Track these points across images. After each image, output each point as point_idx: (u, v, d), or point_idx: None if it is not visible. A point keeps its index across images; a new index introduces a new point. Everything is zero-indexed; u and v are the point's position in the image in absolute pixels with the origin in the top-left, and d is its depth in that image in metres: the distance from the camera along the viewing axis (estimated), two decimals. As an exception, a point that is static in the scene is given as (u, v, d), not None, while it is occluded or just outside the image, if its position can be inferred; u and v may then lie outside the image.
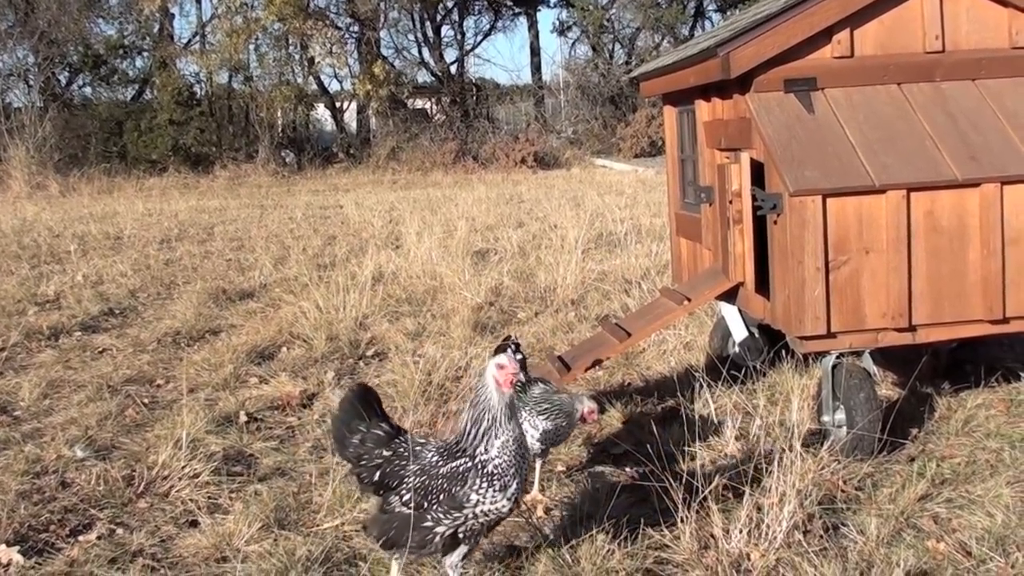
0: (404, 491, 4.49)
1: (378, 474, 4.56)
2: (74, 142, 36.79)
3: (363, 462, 4.60)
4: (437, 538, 4.47)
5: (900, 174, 6.18)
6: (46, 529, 5.77)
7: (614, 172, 33.84)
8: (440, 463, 4.51)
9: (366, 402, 4.74)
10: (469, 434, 4.53)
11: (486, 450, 4.48)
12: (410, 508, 4.45)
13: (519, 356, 6.23)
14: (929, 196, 6.21)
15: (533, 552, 5.17)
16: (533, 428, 5.84)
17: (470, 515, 4.45)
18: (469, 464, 4.47)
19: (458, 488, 4.45)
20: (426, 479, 4.48)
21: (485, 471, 4.45)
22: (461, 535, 4.49)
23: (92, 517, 5.95)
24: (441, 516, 4.45)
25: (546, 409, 5.89)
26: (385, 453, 4.58)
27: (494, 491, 4.44)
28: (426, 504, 4.47)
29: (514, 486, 4.46)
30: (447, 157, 37.02)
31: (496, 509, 4.46)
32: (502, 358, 4.58)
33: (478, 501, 4.43)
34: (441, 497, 4.46)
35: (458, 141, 38.65)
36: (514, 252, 14.58)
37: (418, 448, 4.59)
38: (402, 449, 4.59)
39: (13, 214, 21.86)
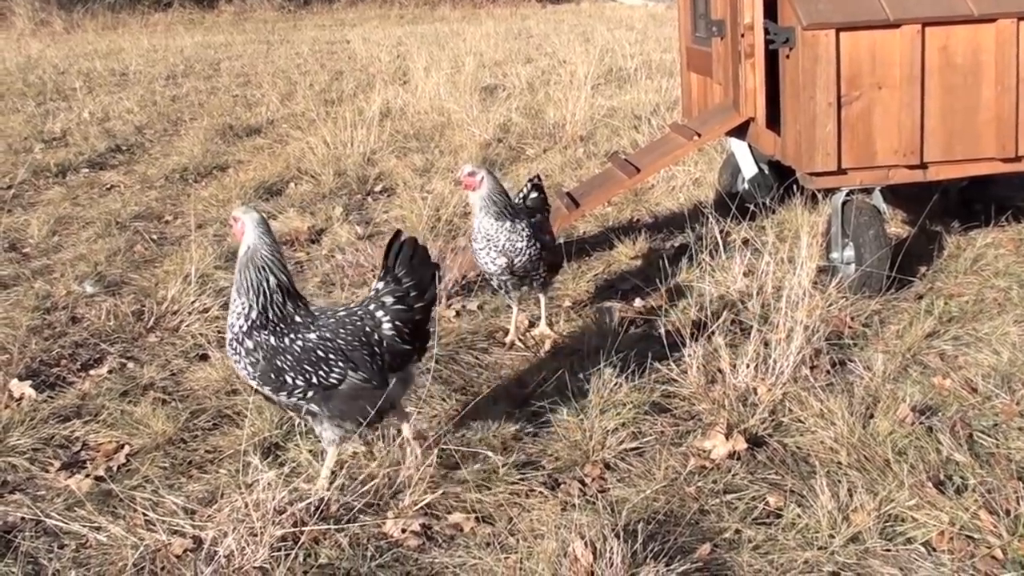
0: None
1: None
2: (77, -23, 36.24)
3: None
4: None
5: (915, 8, 6.06)
6: (57, 364, 5.82)
7: (624, 7, 33.35)
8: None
9: None
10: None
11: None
12: None
13: (533, 195, 6.16)
14: (944, 31, 6.10)
15: (540, 385, 5.21)
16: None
17: None
18: None
19: None
20: None
21: None
22: None
23: (103, 351, 5.99)
24: None
25: None
26: None
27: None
28: None
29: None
30: (455, -9, 36.45)
31: None
32: (254, 214, 4.27)
33: None
34: None
35: (466, -26, 37.98)
36: (522, 88, 14.44)
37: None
38: None
39: (18, 51, 21.64)
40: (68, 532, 4.14)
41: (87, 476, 4.59)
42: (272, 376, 4.15)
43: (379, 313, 4.30)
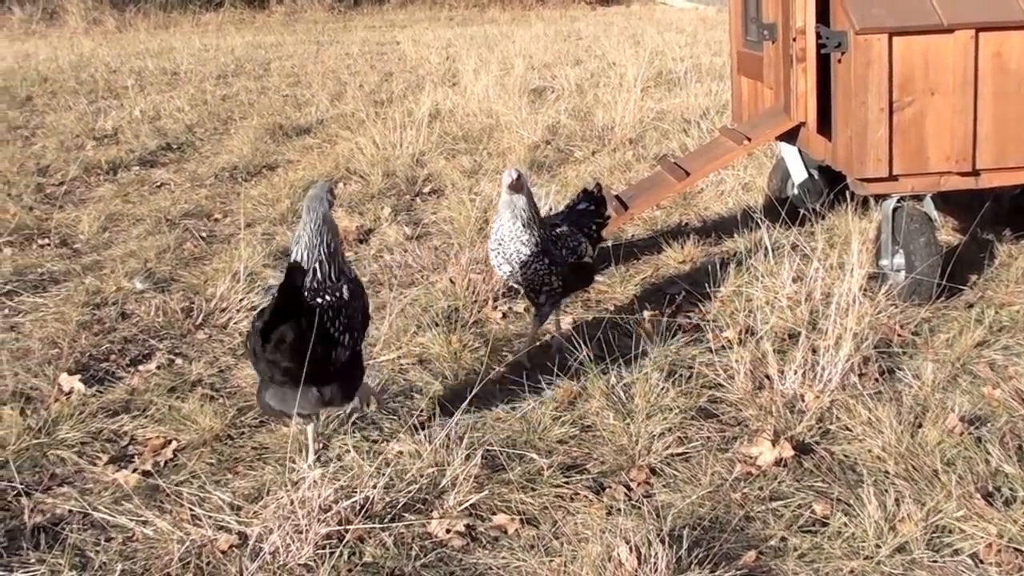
0: (338, 335, 4.46)
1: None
2: (130, -24, 36.45)
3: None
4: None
5: (969, 13, 6.01)
6: (107, 359, 5.87)
7: (674, 9, 33.26)
8: (339, 295, 4.54)
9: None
10: (341, 266, 4.62)
11: (350, 268, 4.72)
12: (349, 347, 4.52)
13: (582, 205, 6.09)
14: (998, 37, 6.04)
15: (586, 388, 5.20)
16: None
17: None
18: (352, 281, 4.66)
19: (359, 302, 4.64)
20: (345, 310, 4.52)
21: (359, 281, 4.72)
22: None
23: (152, 347, 6.04)
24: (359, 338, 4.62)
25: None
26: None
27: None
28: (356, 335, 4.58)
29: None
30: (505, -7, 36.43)
31: None
32: (327, 184, 4.77)
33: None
34: (359, 318, 4.62)
35: (516, -23, 37.94)
36: (571, 90, 14.43)
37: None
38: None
39: (70, 49, 21.82)
40: (115, 525, 4.17)
41: (135, 470, 4.62)
42: None
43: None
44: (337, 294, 4.50)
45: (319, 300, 4.43)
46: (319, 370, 4.27)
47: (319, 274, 4.50)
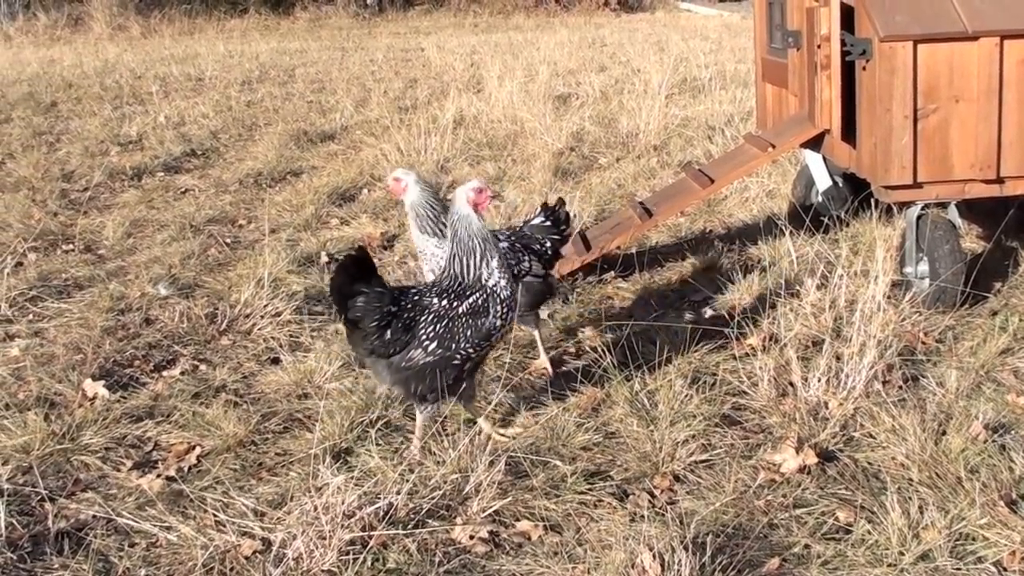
0: (427, 341, 4.56)
1: (388, 332, 4.55)
2: (155, -18, 36.57)
3: (372, 323, 4.53)
4: (465, 374, 4.68)
5: (994, 20, 5.99)
6: (131, 364, 5.89)
7: (699, 16, 33.27)
8: (456, 304, 4.62)
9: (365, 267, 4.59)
10: (468, 266, 4.67)
11: (490, 275, 4.67)
12: (437, 355, 4.56)
13: (538, 220, 5.83)
14: (1023, 44, 6.02)
15: (609, 395, 5.20)
16: None
17: (493, 342, 4.74)
18: (485, 295, 4.65)
19: (483, 320, 4.62)
20: (448, 323, 4.58)
21: (499, 295, 4.66)
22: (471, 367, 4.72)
23: (176, 353, 6.05)
24: (470, 351, 4.63)
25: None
26: (393, 309, 4.57)
27: (507, 310, 4.69)
28: (454, 346, 4.58)
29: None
30: (529, -1, 36.45)
31: (505, 327, 4.74)
32: (475, 182, 4.81)
33: (501, 326, 4.68)
34: (468, 333, 4.60)
35: (540, -17, 37.94)
36: (596, 97, 14.43)
37: (418, 298, 4.67)
38: (408, 303, 4.62)
39: (95, 55, 21.92)
40: (139, 531, 4.18)
41: (158, 476, 4.63)
42: None
43: None
44: (455, 303, 4.61)
45: (431, 299, 4.64)
46: (386, 353, 4.58)
47: (452, 274, 4.70)
